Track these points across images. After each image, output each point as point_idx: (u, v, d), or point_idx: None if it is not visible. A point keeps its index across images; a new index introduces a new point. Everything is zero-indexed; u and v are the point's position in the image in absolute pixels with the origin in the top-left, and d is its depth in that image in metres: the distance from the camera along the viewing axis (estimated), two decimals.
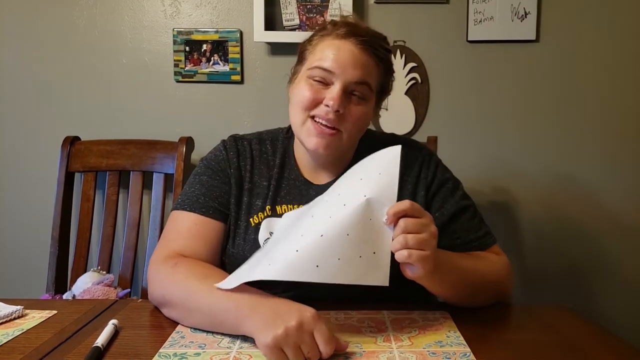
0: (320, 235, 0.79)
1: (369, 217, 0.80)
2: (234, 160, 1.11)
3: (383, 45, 1.06)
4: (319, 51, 1.03)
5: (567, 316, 0.97)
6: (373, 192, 0.81)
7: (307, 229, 0.82)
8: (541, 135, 1.85)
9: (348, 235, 0.79)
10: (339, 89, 0.99)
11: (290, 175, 1.11)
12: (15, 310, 0.92)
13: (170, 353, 0.77)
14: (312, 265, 0.78)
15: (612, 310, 1.86)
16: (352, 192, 0.83)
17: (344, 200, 0.82)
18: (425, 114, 1.85)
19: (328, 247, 0.79)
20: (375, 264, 0.79)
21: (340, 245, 0.79)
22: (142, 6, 1.85)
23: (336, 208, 0.82)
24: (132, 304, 1.01)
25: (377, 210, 0.81)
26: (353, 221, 0.79)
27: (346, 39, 1.02)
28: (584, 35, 1.82)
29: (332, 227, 0.80)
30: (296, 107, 1.04)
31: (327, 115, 1.00)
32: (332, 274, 0.78)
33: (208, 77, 1.84)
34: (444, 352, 0.78)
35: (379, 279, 0.79)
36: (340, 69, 1.00)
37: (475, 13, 1.80)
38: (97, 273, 1.64)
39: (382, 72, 1.06)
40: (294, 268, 0.79)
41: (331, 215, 0.81)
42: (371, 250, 0.79)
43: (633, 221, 1.86)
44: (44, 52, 1.86)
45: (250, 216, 1.07)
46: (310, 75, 1.03)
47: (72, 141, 1.80)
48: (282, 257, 0.80)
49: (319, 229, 0.80)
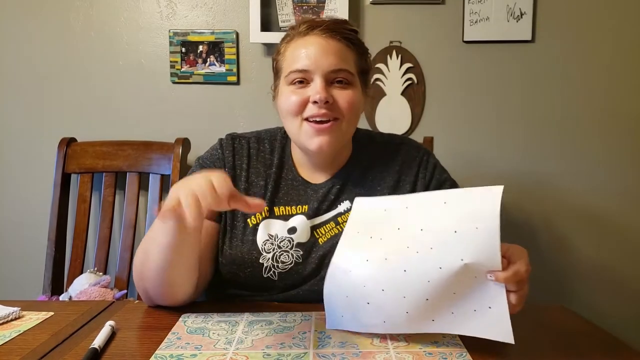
0: (425, 300, 0.78)
1: (473, 276, 0.75)
2: (229, 159, 1.11)
3: (347, 27, 1.05)
4: (289, 56, 1.03)
5: (563, 315, 0.98)
6: (472, 256, 0.74)
7: (408, 291, 0.79)
8: (537, 135, 1.85)
9: (455, 293, 0.77)
10: (319, 82, 0.99)
11: (288, 175, 1.11)
12: (12, 312, 0.92)
13: (167, 354, 0.77)
14: (429, 320, 0.79)
15: (608, 309, 1.86)
16: (448, 253, 0.75)
17: (439, 261, 0.76)
18: (421, 114, 1.85)
19: (437, 306, 0.78)
20: (495, 319, 0.75)
21: (449, 302, 0.77)
22: (138, 7, 1.85)
23: (433, 270, 0.76)
24: (129, 305, 1.01)
25: (479, 271, 0.75)
26: (455, 282, 0.76)
27: (309, 33, 1.02)
28: (579, 35, 1.82)
29: (435, 290, 0.77)
30: (287, 116, 1.04)
31: (319, 110, 0.99)
32: (451, 325, 0.78)
33: (204, 78, 1.84)
34: (440, 352, 0.78)
35: (503, 336, 0.75)
36: (314, 63, 1.00)
37: (471, 13, 1.80)
38: (94, 274, 1.64)
39: (356, 53, 1.05)
40: (412, 324, 0.80)
41: (430, 279, 0.77)
42: (486, 304, 0.76)
43: (630, 221, 1.87)
44: (40, 53, 1.86)
45: (248, 216, 1.07)
46: (289, 81, 1.02)
47: (69, 142, 1.80)
48: (394, 315, 0.81)
49: (421, 294, 0.78)
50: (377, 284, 0.81)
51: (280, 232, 1.05)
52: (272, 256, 1.03)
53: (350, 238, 0.88)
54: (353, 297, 0.83)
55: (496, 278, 0.74)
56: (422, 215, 0.80)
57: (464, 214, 0.76)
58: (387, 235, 0.83)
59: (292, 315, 0.93)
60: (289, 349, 0.79)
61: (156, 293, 0.96)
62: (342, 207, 1.08)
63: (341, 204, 1.08)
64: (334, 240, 1.04)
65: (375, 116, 1.84)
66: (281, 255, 1.04)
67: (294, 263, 1.04)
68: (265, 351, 0.78)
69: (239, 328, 0.87)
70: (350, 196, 1.06)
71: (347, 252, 0.87)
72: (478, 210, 0.74)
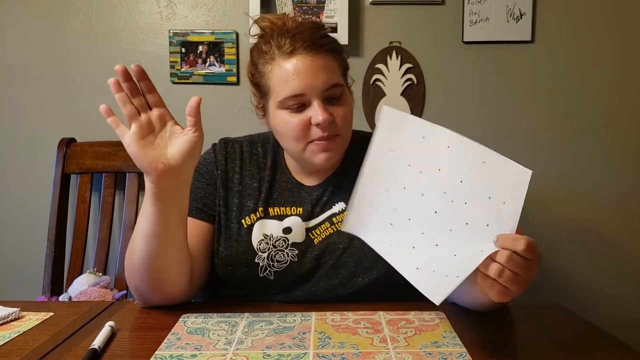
0: (435, 245, 0.81)
1: (480, 249, 0.76)
2: (221, 162, 1.12)
3: (323, 35, 1.04)
4: (278, 80, 1.01)
5: (562, 315, 0.98)
6: (496, 222, 0.77)
7: (429, 231, 0.82)
8: (537, 135, 1.85)
9: (455, 256, 0.78)
10: (318, 104, 0.99)
11: (281, 177, 1.12)
12: (12, 313, 0.92)
13: (167, 355, 0.77)
14: (414, 266, 0.80)
15: (608, 309, 1.87)
16: (478, 214, 0.79)
17: (468, 218, 0.79)
18: (421, 114, 1.85)
19: (435, 257, 0.80)
20: (446, 283, 0.75)
21: (444, 260, 0.79)
22: (137, 8, 1.85)
23: (459, 225, 0.80)
24: (129, 306, 1.01)
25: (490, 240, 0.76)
26: (467, 245, 0.78)
27: (294, 54, 0.99)
28: (579, 36, 1.83)
29: (448, 243, 0.80)
30: (288, 140, 1.03)
31: (324, 132, 0.99)
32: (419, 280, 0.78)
33: (204, 78, 1.84)
34: (440, 352, 0.78)
35: (433, 296, 0.75)
36: (309, 87, 0.98)
37: (471, 14, 1.80)
38: (94, 275, 1.64)
39: (338, 60, 1.05)
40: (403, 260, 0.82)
41: (452, 229, 0.80)
42: (456, 273, 0.75)
43: (631, 222, 1.87)
44: (39, 53, 1.86)
45: (242, 218, 1.08)
46: (284, 106, 1.01)
47: (68, 143, 1.80)
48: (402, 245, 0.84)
49: (437, 238, 0.81)
50: (407, 212, 0.85)
51: (275, 232, 1.06)
52: (268, 255, 1.04)
53: (384, 154, 0.88)
54: (382, 213, 0.87)
55: (497, 238, 0.75)
56: (464, 162, 0.82)
57: (498, 183, 0.79)
58: (428, 171, 0.84)
59: (292, 316, 0.93)
60: (289, 349, 0.79)
61: (146, 289, 0.96)
62: (337, 207, 1.08)
63: (336, 204, 1.08)
64: (329, 239, 1.05)
65: (374, 117, 1.84)
66: (276, 255, 1.04)
67: (290, 262, 1.04)
68: (265, 351, 0.78)
69: (238, 328, 0.87)
70: (345, 197, 1.06)
71: (384, 167, 0.88)
72: (509, 186, 0.78)
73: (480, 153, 0.81)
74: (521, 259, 0.73)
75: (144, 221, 0.90)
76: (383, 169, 0.88)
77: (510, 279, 0.73)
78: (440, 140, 0.84)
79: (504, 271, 0.73)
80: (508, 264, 0.72)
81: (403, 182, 0.86)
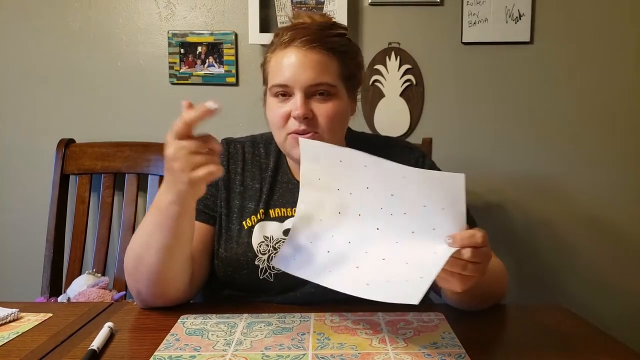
0: (382, 259, 0.81)
1: (434, 251, 0.76)
2: (224, 163, 1.12)
3: (331, 34, 1.04)
4: (272, 69, 1.04)
5: (562, 315, 0.98)
6: (441, 226, 0.77)
7: (372, 248, 0.83)
8: (535, 136, 1.85)
9: (407, 263, 0.79)
10: (299, 98, 1.00)
11: (283, 178, 1.12)
12: (11, 313, 0.92)
13: (166, 356, 0.77)
14: (363, 283, 0.80)
15: (606, 309, 1.87)
16: (421, 220, 0.78)
17: (413, 226, 0.80)
18: (420, 115, 1.86)
19: (385, 270, 0.80)
20: (416, 286, 0.74)
21: (396, 270, 0.79)
22: (137, 8, 1.85)
23: (405, 234, 0.80)
24: (128, 307, 1.01)
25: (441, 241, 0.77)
26: (418, 252, 0.78)
27: (290, 45, 1.01)
28: (578, 36, 1.83)
29: (396, 254, 0.80)
30: (273, 128, 1.06)
31: (300, 126, 1.00)
32: (375, 293, 0.78)
33: (203, 79, 1.84)
34: (439, 353, 0.78)
35: (410, 298, 0.73)
36: (293, 78, 1.00)
37: (470, 15, 1.80)
38: (92, 276, 1.64)
39: (340, 62, 1.04)
40: (349, 281, 0.82)
41: (399, 241, 0.81)
42: (419, 275, 0.76)
43: (629, 221, 1.87)
44: (38, 54, 1.85)
45: (243, 219, 1.07)
46: (272, 93, 1.03)
47: (67, 143, 1.79)
48: (343, 268, 0.83)
49: (383, 252, 0.81)
50: (345, 236, 0.86)
51: (275, 233, 1.06)
52: (268, 257, 1.04)
53: (313, 182, 0.89)
54: (317, 243, 0.88)
55: (453, 239, 0.75)
56: (386, 180, 0.82)
57: (428, 193, 0.78)
58: (357, 192, 0.85)
59: (290, 317, 0.93)
60: (288, 350, 0.79)
61: (148, 293, 0.96)
62: None
63: None
64: None
65: (374, 117, 1.84)
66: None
67: None
68: (264, 352, 0.78)
69: (237, 329, 0.87)
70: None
71: (317, 198, 0.89)
72: (442, 194, 0.76)
73: (397, 168, 0.80)
74: (481, 250, 0.76)
75: (159, 234, 0.89)
76: (315, 199, 0.89)
77: (474, 269, 0.76)
78: (356, 162, 0.84)
79: (467, 265, 0.75)
80: (472, 258, 0.75)
81: (337, 207, 0.87)
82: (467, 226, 0.76)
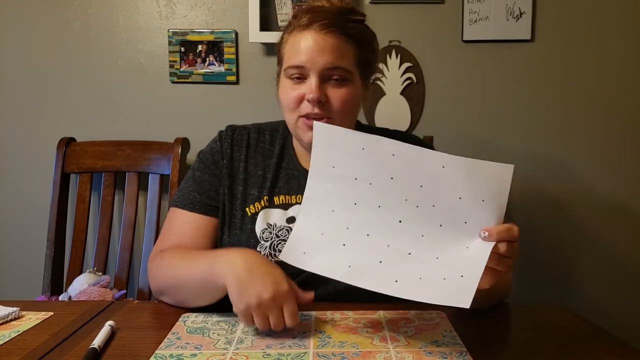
0: (408, 253, 0.78)
1: (466, 246, 0.74)
2: (227, 151, 1.12)
3: (350, 19, 1.05)
4: (289, 49, 1.04)
5: (562, 314, 0.98)
6: (475, 220, 0.74)
7: (396, 241, 0.79)
8: (536, 134, 1.85)
9: (437, 258, 0.76)
10: (314, 81, 1.00)
11: (289, 165, 1.12)
12: (12, 312, 0.92)
13: (167, 354, 0.77)
14: (392, 280, 0.77)
15: (607, 308, 1.87)
16: (452, 214, 0.76)
17: (441, 219, 0.77)
18: (420, 113, 1.85)
19: (413, 266, 0.77)
20: (461, 287, 0.72)
21: (427, 266, 0.76)
22: (137, 7, 1.85)
23: (432, 227, 0.77)
24: (129, 305, 1.01)
25: (475, 235, 0.75)
26: (447, 246, 0.76)
27: (308, 28, 1.01)
28: (579, 34, 1.82)
29: (423, 248, 0.77)
30: (285, 110, 1.05)
31: (313, 109, 1.00)
32: (409, 291, 0.76)
33: (203, 77, 1.84)
34: (440, 351, 0.78)
35: (461, 302, 0.71)
36: (309, 61, 1.00)
37: (471, 13, 1.80)
38: (93, 274, 1.64)
39: (356, 48, 1.04)
40: (374, 278, 0.79)
41: (424, 234, 0.77)
42: (459, 273, 0.73)
43: (631, 219, 1.87)
44: (39, 53, 1.85)
45: (247, 206, 1.08)
46: (287, 75, 1.03)
47: (68, 142, 1.79)
48: (364, 263, 0.80)
49: (408, 246, 0.78)
50: (363, 228, 0.82)
51: (279, 221, 1.06)
52: (270, 245, 1.04)
53: (325, 170, 0.84)
54: (329, 236, 0.84)
55: (489, 233, 0.74)
56: (417, 170, 0.78)
57: (469, 184, 0.75)
58: (379, 181, 0.81)
59: None
60: (289, 348, 0.79)
61: (172, 303, 1.00)
62: None
63: None
64: None
65: (374, 115, 1.84)
66: (279, 244, 1.04)
67: None
68: (265, 351, 0.78)
69: (238, 328, 0.87)
70: None
71: (329, 187, 0.84)
72: (485, 185, 0.74)
73: (436, 158, 0.78)
74: (515, 245, 0.76)
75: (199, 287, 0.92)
76: (327, 188, 0.85)
77: (507, 264, 0.76)
78: (382, 150, 0.80)
79: (502, 259, 0.75)
80: (508, 252, 0.75)
81: (353, 197, 0.83)
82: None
